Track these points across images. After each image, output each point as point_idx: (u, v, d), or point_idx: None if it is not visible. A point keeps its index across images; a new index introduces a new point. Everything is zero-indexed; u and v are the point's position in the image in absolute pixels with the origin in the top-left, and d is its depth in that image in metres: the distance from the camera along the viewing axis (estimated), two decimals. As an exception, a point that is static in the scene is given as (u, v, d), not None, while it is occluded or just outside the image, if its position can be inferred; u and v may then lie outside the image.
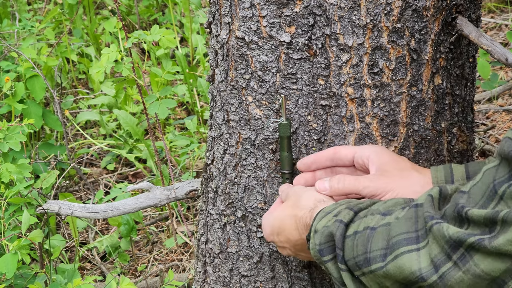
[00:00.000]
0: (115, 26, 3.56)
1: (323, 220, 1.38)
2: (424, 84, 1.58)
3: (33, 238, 2.01)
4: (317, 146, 1.60)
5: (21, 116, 2.90)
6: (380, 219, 1.30)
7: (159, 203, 1.95)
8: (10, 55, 3.08)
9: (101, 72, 2.31)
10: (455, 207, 1.19)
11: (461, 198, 1.20)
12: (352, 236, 1.32)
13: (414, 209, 1.26)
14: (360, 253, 1.30)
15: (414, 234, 1.23)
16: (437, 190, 1.27)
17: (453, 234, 1.17)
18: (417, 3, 1.51)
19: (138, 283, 2.55)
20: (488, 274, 1.15)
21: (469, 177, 1.46)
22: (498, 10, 3.96)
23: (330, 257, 1.35)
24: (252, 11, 1.56)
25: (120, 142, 3.31)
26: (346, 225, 1.34)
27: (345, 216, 1.35)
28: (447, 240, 1.17)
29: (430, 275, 1.19)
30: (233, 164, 1.71)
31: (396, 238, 1.25)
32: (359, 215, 1.35)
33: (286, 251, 1.53)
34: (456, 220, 1.19)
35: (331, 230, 1.35)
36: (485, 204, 1.16)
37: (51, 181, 2.51)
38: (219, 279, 1.82)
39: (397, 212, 1.29)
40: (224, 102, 1.68)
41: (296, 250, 1.50)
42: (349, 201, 1.40)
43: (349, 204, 1.39)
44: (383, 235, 1.27)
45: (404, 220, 1.26)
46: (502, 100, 3.31)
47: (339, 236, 1.33)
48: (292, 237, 1.48)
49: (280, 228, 1.50)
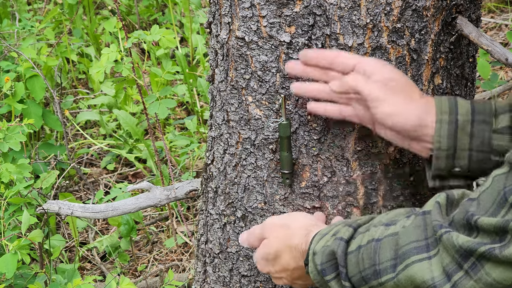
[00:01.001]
0: (115, 26, 3.56)
1: (321, 241, 1.37)
2: (424, 84, 1.58)
3: (33, 238, 2.01)
4: (317, 146, 1.60)
5: (21, 116, 2.90)
6: (384, 230, 1.29)
7: (159, 203, 1.95)
8: (10, 55, 3.08)
9: (101, 72, 2.31)
10: (465, 214, 1.18)
11: (471, 206, 1.19)
12: (356, 252, 1.31)
13: (422, 216, 1.25)
14: (367, 266, 1.28)
15: (424, 242, 1.22)
16: (444, 197, 1.26)
17: (463, 243, 1.16)
18: (417, 3, 1.51)
19: (138, 283, 2.55)
20: (500, 283, 1.15)
21: (474, 113, 1.39)
22: (498, 10, 3.96)
23: (333, 275, 1.34)
24: (252, 11, 1.56)
25: (120, 142, 3.31)
26: (346, 241, 1.33)
27: (345, 233, 1.34)
28: (457, 249, 1.17)
29: (443, 284, 1.19)
30: (233, 164, 1.71)
31: (406, 248, 1.23)
32: (359, 230, 1.34)
33: (282, 281, 1.51)
34: (465, 228, 1.18)
35: (332, 249, 1.33)
36: (496, 212, 1.16)
37: (51, 181, 2.51)
38: (219, 279, 1.82)
39: (402, 221, 1.27)
40: (224, 102, 1.68)
41: (292, 278, 1.49)
42: (345, 221, 1.39)
43: (347, 222, 1.37)
44: (390, 245, 1.26)
45: (413, 228, 1.25)
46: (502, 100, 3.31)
47: (340, 254, 1.32)
48: (289, 266, 1.47)
49: (275, 260, 1.49)
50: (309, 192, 1.63)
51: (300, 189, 1.64)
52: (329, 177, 1.62)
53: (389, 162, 1.61)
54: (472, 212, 1.17)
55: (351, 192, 1.62)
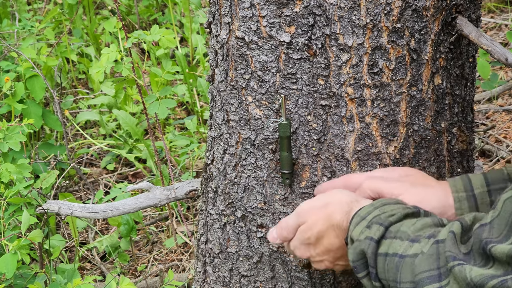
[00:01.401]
0: (115, 26, 3.56)
1: (357, 227, 1.39)
2: (424, 84, 1.58)
3: (33, 238, 2.01)
4: (317, 146, 1.60)
5: (21, 116, 2.90)
6: (408, 247, 1.32)
7: (159, 203, 1.95)
8: (10, 55, 3.08)
9: (101, 72, 2.31)
10: (480, 243, 1.20)
11: (484, 232, 1.20)
12: (383, 257, 1.34)
13: (436, 245, 1.28)
14: (391, 279, 1.32)
15: (436, 271, 1.25)
16: (459, 225, 1.28)
17: (475, 277, 1.18)
18: (417, 3, 1.51)
19: (138, 283, 2.55)
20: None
21: (489, 184, 1.46)
22: (498, 10, 3.96)
23: (364, 273, 1.38)
24: (252, 11, 1.56)
25: (120, 142, 3.31)
26: (377, 242, 1.35)
27: (376, 233, 1.35)
28: (468, 282, 1.18)
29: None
30: (233, 164, 1.71)
31: (420, 276, 1.27)
32: (390, 230, 1.36)
33: (324, 264, 1.51)
34: (482, 257, 1.20)
35: (363, 248, 1.36)
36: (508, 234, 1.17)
37: (51, 181, 2.51)
38: (219, 279, 1.82)
39: (423, 242, 1.30)
40: (224, 102, 1.68)
41: (335, 259, 1.49)
42: (382, 209, 1.40)
43: (380, 216, 1.38)
44: (410, 268, 1.29)
45: (427, 257, 1.28)
46: (502, 100, 3.31)
47: (370, 254, 1.35)
48: (333, 246, 1.47)
49: (317, 242, 1.48)
50: (309, 192, 1.63)
51: (300, 189, 1.64)
52: (329, 177, 1.62)
53: (389, 162, 1.61)
54: (486, 239, 1.19)
55: (351, 192, 1.62)
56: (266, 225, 1.70)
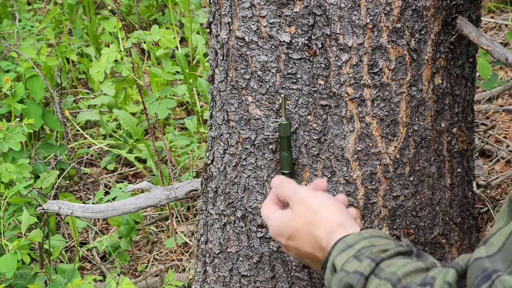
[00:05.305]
0: (115, 26, 3.56)
1: (342, 255, 1.33)
2: (424, 84, 1.58)
3: (33, 238, 2.01)
4: (317, 146, 1.60)
5: (21, 116, 2.90)
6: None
7: (159, 203, 1.95)
8: (10, 55, 3.08)
9: (101, 72, 2.31)
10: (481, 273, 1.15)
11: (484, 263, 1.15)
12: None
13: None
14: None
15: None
16: (454, 273, 1.22)
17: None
18: (417, 3, 1.51)
19: (138, 283, 2.55)
20: None
21: None
22: (498, 10, 3.96)
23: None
24: (252, 11, 1.56)
25: (120, 142, 3.31)
26: (366, 278, 1.32)
27: (366, 268, 1.31)
28: None
29: None
30: (233, 164, 1.71)
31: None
32: (381, 267, 1.31)
33: (291, 253, 1.49)
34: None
35: (351, 283, 1.31)
36: None
37: (51, 181, 2.51)
38: (219, 279, 1.82)
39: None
40: (224, 102, 1.68)
41: (302, 257, 1.45)
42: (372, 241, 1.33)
43: (371, 250, 1.34)
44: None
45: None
46: (502, 100, 3.31)
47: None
48: (303, 249, 1.43)
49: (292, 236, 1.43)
50: (309, 192, 1.63)
51: (300, 189, 1.64)
52: (329, 177, 1.62)
53: (389, 162, 1.61)
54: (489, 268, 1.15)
55: (351, 192, 1.62)
56: (266, 225, 1.70)
